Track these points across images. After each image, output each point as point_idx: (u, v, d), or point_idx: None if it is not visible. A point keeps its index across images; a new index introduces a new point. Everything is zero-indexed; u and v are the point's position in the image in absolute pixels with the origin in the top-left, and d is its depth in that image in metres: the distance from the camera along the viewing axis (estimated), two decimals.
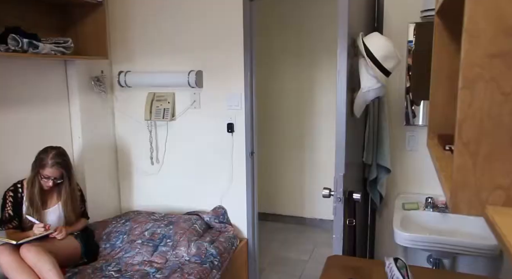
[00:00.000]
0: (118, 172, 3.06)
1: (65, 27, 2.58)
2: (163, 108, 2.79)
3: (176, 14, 2.73)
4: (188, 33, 2.72)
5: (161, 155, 2.92)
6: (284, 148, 4.05)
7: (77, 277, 2.14)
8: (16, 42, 2.04)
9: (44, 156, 2.16)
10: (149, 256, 2.35)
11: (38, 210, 2.18)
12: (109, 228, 2.59)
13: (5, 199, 2.18)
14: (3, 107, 2.25)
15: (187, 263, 2.31)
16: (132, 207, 3.07)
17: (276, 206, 4.15)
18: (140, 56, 2.86)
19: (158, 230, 2.51)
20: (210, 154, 2.81)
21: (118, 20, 2.86)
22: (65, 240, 2.21)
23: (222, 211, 2.79)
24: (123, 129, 2.99)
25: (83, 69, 2.70)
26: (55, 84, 2.60)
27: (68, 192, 2.26)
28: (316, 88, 3.86)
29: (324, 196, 1.77)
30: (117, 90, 2.94)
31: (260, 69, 2.80)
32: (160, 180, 2.96)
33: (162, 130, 2.89)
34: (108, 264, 2.30)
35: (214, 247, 2.44)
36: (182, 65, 2.75)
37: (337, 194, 1.73)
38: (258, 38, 2.73)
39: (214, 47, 2.67)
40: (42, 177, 2.16)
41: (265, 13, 3.80)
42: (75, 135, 2.72)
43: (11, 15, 2.25)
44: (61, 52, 2.32)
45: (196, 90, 2.75)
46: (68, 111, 2.69)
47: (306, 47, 3.81)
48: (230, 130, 2.72)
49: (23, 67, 2.36)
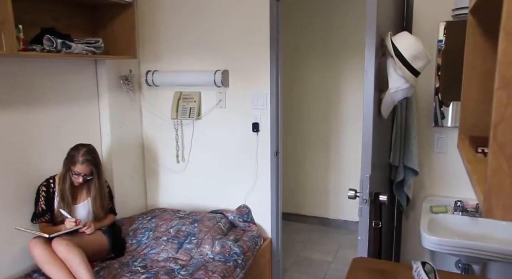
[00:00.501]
0: (145, 170, 3.12)
1: (96, 27, 2.65)
2: (189, 107, 2.83)
3: (203, 14, 2.76)
4: (214, 32, 2.75)
5: (186, 154, 2.96)
6: (309, 148, 4.03)
7: (104, 272, 2.19)
8: (50, 43, 2.11)
9: (75, 153, 2.22)
10: (174, 253, 2.39)
11: (68, 205, 2.25)
12: (135, 225, 2.65)
13: (39, 193, 2.26)
14: (37, 105, 2.33)
15: (211, 261, 2.33)
16: (158, 204, 3.12)
17: (300, 206, 4.14)
18: (167, 55, 2.90)
19: (183, 227, 2.55)
20: (235, 153, 2.82)
21: (147, 20, 2.91)
22: (93, 235, 2.27)
23: (246, 210, 2.80)
24: (150, 127, 3.05)
25: (113, 68, 2.76)
26: (86, 83, 2.67)
27: (97, 188, 2.32)
28: (342, 88, 3.82)
29: (349, 197, 1.75)
30: (145, 89, 3.00)
31: (285, 69, 2.80)
32: (185, 178, 3.00)
33: (188, 129, 2.93)
34: (135, 259, 2.35)
35: (238, 245, 2.45)
36: (209, 65, 2.78)
37: (363, 195, 1.71)
38: (284, 37, 2.73)
39: (240, 46, 2.69)
40: (73, 173, 2.22)
41: (291, 12, 3.79)
42: (104, 133, 2.79)
43: (47, 16, 2.33)
44: (92, 52, 2.38)
45: (221, 90, 2.77)
46: (97, 110, 2.76)
47: (333, 46, 3.78)
48: (255, 129, 2.73)
49: (56, 67, 2.44)
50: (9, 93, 2.17)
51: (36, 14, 2.25)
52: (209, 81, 2.72)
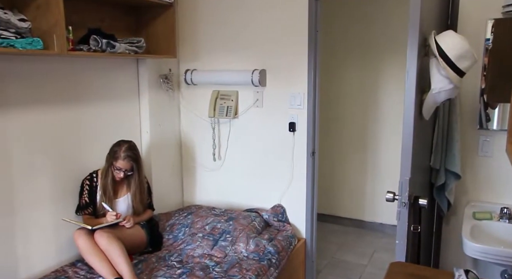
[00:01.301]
0: (182, 167, 3.18)
1: (138, 27, 2.73)
2: (227, 106, 2.86)
3: (241, 14, 2.78)
4: (252, 32, 2.76)
5: (223, 152, 3.00)
6: (346, 148, 3.97)
7: (142, 265, 2.26)
8: (96, 43, 2.20)
9: (117, 149, 2.30)
10: (209, 249, 2.42)
11: (110, 199, 2.33)
12: (172, 220, 2.71)
13: (83, 187, 2.36)
14: (83, 102, 2.43)
15: (246, 259, 2.34)
16: (194, 201, 3.18)
17: (335, 207, 4.09)
18: (206, 55, 2.95)
19: (218, 225, 2.58)
20: (271, 152, 2.83)
21: (186, 20, 2.97)
22: (132, 229, 2.35)
23: (281, 210, 2.80)
24: (188, 125, 3.11)
25: (153, 67, 2.84)
26: (128, 82, 2.76)
27: (137, 184, 2.39)
28: (381, 88, 3.74)
29: (387, 200, 1.71)
30: (184, 87, 3.06)
31: (322, 68, 2.77)
32: (221, 176, 3.04)
33: (225, 128, 2.96)
34: (171, 254, 2.41)
35: (272, 245, 2.46)
36: (246, 64, 2.80)
37: (402, 198, 1.66)
38: (322, 36, 2.70)
39: (278, 46, 2.69)
40: (115, 168, 2.30)
41: (330, 11, 3.74)
42: (144, 130, 2.87)
43: (94, 17, 2.42)
44: (134, 51, 2.46)
45: (259, 89, 2.78)
46: (138, 107, 2.85)
47: (372, 46, 3.71)
48: (291, 129, 2.72)
49: (100, 66, 2.54)
50: (58, 90, 2.28)
51: (84, 15, 2.35)
52: (247, 80, 2.73)
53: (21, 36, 1.82)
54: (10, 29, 1.78)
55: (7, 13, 1.78)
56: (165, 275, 2.16)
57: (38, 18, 1.89)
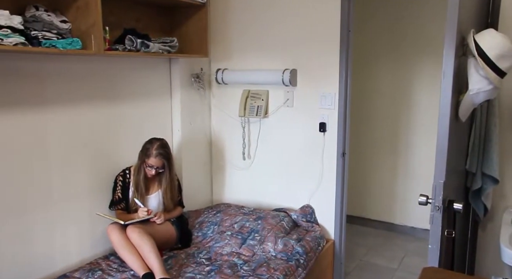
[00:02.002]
0: (212, 165, 3.22)
1: (171, 27, 2.78)
2: (257, 105, 2.87)
3: (273, 13, 2.78)
4: (284, 31, 2.76)
5: (252, 151, 3.01)
6: (376, 150, 3.90)
7: (172, 260, 2.30)
8: (131, 42, 2.26)
9: (149, 147, 2.35)
10: (238, 248, 2.44)
11: (142, 195, 2.39)
12: (201, 218, 2.74)
13: (116, 182, 2.42)
14: (117, 100, 2.50)
15: (274, 259, 2.35)
16: (223, 199, 3.21)
17: (364, 209, 4.02)
18: (237, 54, 2.96)
19: (247, 223, 2.59)
20: (300, 152, 2.82)
21: (218, 20, 3.00)
22: (163, 225, 2.39)
23: (310, 210, 2.78)
24: (218, 124, 3.14)
25: (185, 66, 2.88)
26: (160, 81, 2.81)
27: (168, 181, 2.43)
28: (414, 89, 3.65)
29: (420, 203, 1.67)
30: (214, 87, 3.09)
31: (353, 67, 2.72)
32: (250, 175, 3.05)
33: (254, 127, 2.97)
34: (200, 251, 2.44)
35: (300, 245, 2.45)
36: (277, 64, 2.80)
37: (436, 202, 1.62)
38: (354, 35, 2.66)
39: (310, 45, 2.67)
40: (147, 166, 2.36)
41: (362, 10, 3.68)
42: (175, 128, 2.92)
43: (129, 18, 2.49)
44: (167, 51, 2.50)
45: (289, 89, 2.78)
46: (170, 106, 2.90)
47: (405, 45, 3.62)
48: (322, 129, 2.70)
49: (134, 65, 2.60)
50: (94, 89, 2.35)
51: (120, 16, 2.41)
52: (277, 80, 2.73)
53: (62, 36, 1.89)
54: (52, 30, 1.85)
55: (50, 15, 1.85)
56: (194, 271, 2.19)
57: (78, 19, 1.96)
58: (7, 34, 1.64)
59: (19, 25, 1.71)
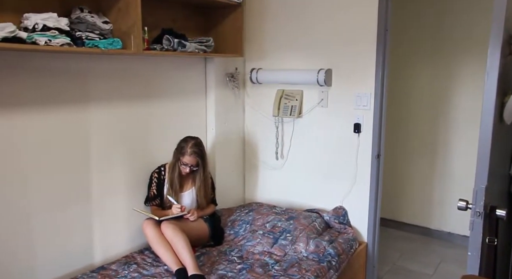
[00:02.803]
0: (245, 164, 3.24)
1: (207, 27, 2.82)
2: (291, 105, 2.86)
3: (308, 13, 2.76)
4: (319, 31, 2.73)
5: (285, 151, 3.00)
6: (413, 151, 3.80)
7: (204, 257, 2.33)
8: (168, 42, 2.30)
9: (184, 145, 2.39)
10: (269, 247, 2.44)
11: (176, 192, 2.43)
12: (233, 216, 2.77)
13: (151, 179, 2.48)
14: (153, 99, 2.56)
15: (305, 259, 2.33)
16: (255, 198, 3.22)
17: (399, 212, 3.93)
18: (272, 54, 2.97)
19: (279, 223, 2.59)
20: (334, 153, 2.79)
21: (253, 19, 3.01)
22: (196, 222, 2.43)
23: (342, 212, 2.75)
24: (252, 124, 3.15)
25: (220, 66, 2.91)
26: (196, 80, 2.86)
27: (202, 179, 2.47)
28: (454, 89, 3.53)
29: (459, 208, 1.61)
30: (249, 86, 3.11)
31: (390, 67, 2.67)
32: (283, 175, 3.05)
33: (288, 127, 2.96)
34: (232, 249, 2.46)
35: (332, 247, 2.42)
36: (312, 64, 2.78)
37: (477, 207, 1.56)
38: (391, 34, 2.60)
39: (345, 45, 2.64)
40: (181, 163, 2.40)
41: (401, 8, 3.59)
42: (209, 127, 2.96)
43: (167, 18, 2.54)
44: (203, 50, 2.54)
45: (324, 89, 2.75)
46: (205, 105, 2.94)
47: (445, 44, 3.50)
48: (356, 130, 2.66)
49: (171, 64, 2.65)
50: (132, 87, 2.42)
51: (158, 16, 2.47)
52: (312, 80, 2.71)
53: (103, 37, 1.96)
54: (95, 31, 1.92)
55: (94, 16, 1.92)
56: (226, 269, 2.21)
57: (119, 20, 2.03)
58: (54, 35, 1.72)
59: (66, 26, 1.79)
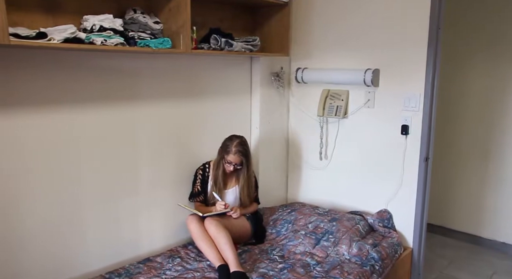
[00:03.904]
0: (288, 164, 3.23)
1: (253, 27, 2.84)
2: (336, 105, 2.82)
3: (356, 12, 2.71)
4: (367, 30, 2.67)
5: (330, 151, 2.97)
6: (464, 155, 3.62)
7: (246, 255, 2.36)
8: (216, 41, 2.34)
9: (229, 143, 2.43)
10: (311, 248, 2.43)
11: (220, 190, 2.47)
12: (276, 215, 2.77)
13: (196, 176, 2.54)
14: (200, 97, 2.62)
15: (347, 262, 2.30)
16: (297, 198, 3.21)
17: (447, 218, 3.76)
18: (318, 53, 2.94)
19: (321, 224, 2.57)
20: (380, 155, 2.72)
21: (300, 18, 2.99)
22: (238, 220, 2.46)
23: (387, 215, 2.68)
24: (296, 123, 3.14)
25: (266, 65, 2.93)
26: (241, 79, 2.89)
27: (246, 178, 2.49)
28: (511, 90, 3.33)
29: None
30: (294, 86, 3.10)
31: (441, 66, 2.56)
32: (326, 176, 3.01)
33: (333, 127, 2.92)
34: (273, 248, 2.47)
35: (376, 250, 2.37)
36: (359, 63, 2.72)
37: None
38: (443, 33, 2.50)
39: (394, 44, 2.56)
40: (226, 162, 2.43)
41: (453, 4, 3.44)
42: (254, 126, 2.98)
43: (214, 18, 2.59)
44: (249, 49, 2.56)
45: (371, 89, 2.69)
46: (249, 104, 2.97)
47: (503, 43, 3.31)
48: (404, 132, 2.58)
49: (217, 63, 2.70)
50: (179, 85, 2.48)
51: (206, 16, 2.52)
52: (359, 80, 2.66)
53: (154, 36, 2.03)
54: (146, 31, 1.99)
55: (146, 17, 2.00)
56: (267, 267, 2.22)
57: (169, 20, 2.09)
58: (110, 35, 1.81)
59: (120, 27, 1.87)
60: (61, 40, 1.68)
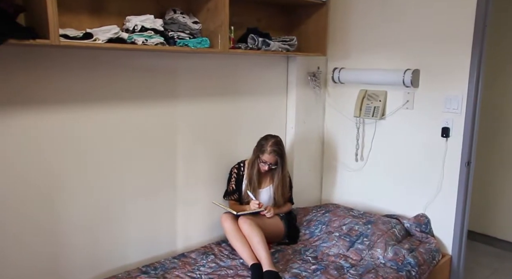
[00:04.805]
0: (323, 164, 3.20)
1: (291, 26, 2.83)
2: (374, 106, 2.77)
3: (395, 10, 2.65)
4: (406, 29, 2.61)
5: (366, 153, 2.91)
6: (506, 160, 3.45)
7: (279, 255, 2.36)
8: (253, 41, 2.36)
9: (264, 143, 2.43)
10: (345, 250, 2.39)
11: (254, 189, 2.48)
12: (309, 216, 2.75)
13: (231, 174, 2.56)
14: (236, 96, 2.64)
15: (382, 266, 2.25)
16: (332, 199, 3.17)
17: (490, 226, 3.60)
18: (355, 53, 2.89)
19: (356, 226, 2.53)
20: (418, 158, 2.64)
21: (338, 18, 2.95)
22: (272, 219, 2.46)
23: (425, 220, 2.60)
24: (332, 124, 3.10)
25: (302, 65, 2.91)
26: (277, 79, 2.89)
27: (280, 178, 2.49)
28: None
29: None
30: (330, 86, 3.06)
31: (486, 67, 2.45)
32: (362, 178, 2.96)
33: (369, 129, 2.87)
34: (306, 249, 2.45)
35: (412, 256, 2.30)
36: (398, 63, 2.66)
37: None
38: (489, 31, 2.40)
39: (436, 43, 2.49)
40: (261, 161, 2.44)
41: (496, 2, 3.28)
42: (289, 126, 2.97)
43: (252, 18, 2.60)
44: (286, 49, 2.56)
45: (410, 90, 2.62)
46: (285, 104, 2.96)
47: None
48: (444, 135, 2.50)
49: (254, 63, 2.71)
50: (216, 84, 2.52)
51: (243, 16, 2.53)
52: (397, 80, 2.60)
53: (193, 36, 2.07)
54: (185, 31, 2.04)
55: (185, 17, 2.04)
56: (300, 268, 2.21)
57: (208, 20, 2.12)
58: (150, 35, 1.86)
59: (160, 27, 1.92)
60: (105, 40, 1.74)
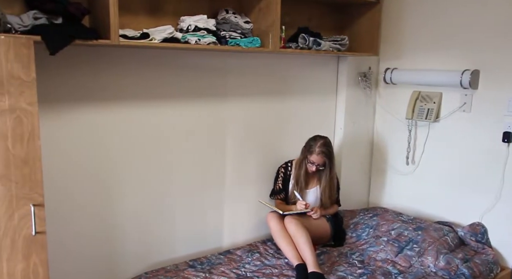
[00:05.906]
0: (371, 167, 3.12)
1: (342, 26, 2.78)
2: (427, 108, 2.66)
3: (452, 9, 2.53)
4: (464, 28, 2.49)
5: (417, 156, 2.81)
6: None
7: (325, 256, 2.33)
8: (304, 41, 2.35)
9: (313, 143, 2.41)
10: (393, 256, 2.32)
11: (301, 189, 2.47)
12: (356, 219, 2.70)
13: (278, 173, 2.57)
14: (285, 95, 2.64)
15: (433, 275, 2.16)
16: (380, 203, 3.09)
17: None
18: (408, 53, 2.80)
19: (405, 232, 2.45)
20: (475, 163, 2.51)
21: (391, 17, 2.86)
22: (318, 221, 2.44)
23: (481, 229, 2.46)
24: (382, 125, 3.02)
25: (353, 65, 2.86)
26: (327, 78, 2.85)
27: (328, 179, 2.46)
28: None
29: None
30: (381, 87, 2.98)
31: None
32: (413, 182, 2.86)
33: (422, 131, 2.76)
34: (353, 252, 2.41)
35: (467, 266, 2.19)
36: (455, 64, 2.54)
37: None
38: None
39: (496, 42, 2.36)
40: (308, 161, 2.42)
41: None
42: (338, 126, 2.93)
43: (303, 17, 2.59)
44: (337, 49, 2.52)
45: (468, 92, 2.49)
46: (334, 104, 2.92)
47: None
48: (506, 140, 2.36)
49: (304, 62, 2.70)
50: (265, 83, 2.53)
51: (294, 15, 2.52)
52: (454, 81, 2.48)
53: (244, 36, 2.09)
54: (237, 30, 2.07)
55: (237, 17, 2.07)
56: (346, 271, 2.17)
57: (259, 19, 2.14)
58: (203, 35, 1.91)
59: (213, 27, 1.96)
60: (160, 40, 1.80)
